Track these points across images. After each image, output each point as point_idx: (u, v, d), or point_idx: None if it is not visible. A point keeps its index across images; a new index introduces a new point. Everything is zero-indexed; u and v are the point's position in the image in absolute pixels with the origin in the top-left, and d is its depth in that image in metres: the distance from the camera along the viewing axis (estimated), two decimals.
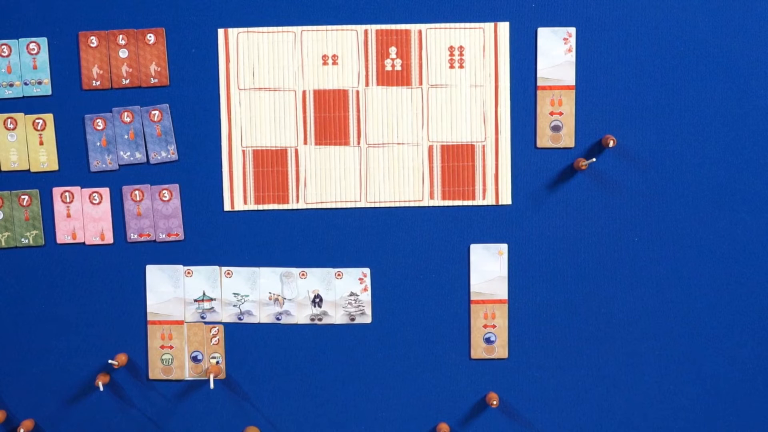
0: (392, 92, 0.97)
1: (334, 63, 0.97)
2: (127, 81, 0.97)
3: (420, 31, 0.97)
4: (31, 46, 0.96)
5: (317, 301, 0.99)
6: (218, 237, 0.99)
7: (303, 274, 0.99)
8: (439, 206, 0.98)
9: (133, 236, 0.99)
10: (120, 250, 0.99)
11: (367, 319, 1.00)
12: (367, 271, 0.99)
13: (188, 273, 0.99)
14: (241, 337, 1.00)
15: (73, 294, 0.99)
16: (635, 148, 0.97)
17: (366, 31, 0.97)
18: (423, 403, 1.00)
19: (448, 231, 0.99)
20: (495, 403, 0.96)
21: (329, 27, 0.97)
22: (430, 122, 0.98)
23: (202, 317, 1.00)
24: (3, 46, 0.97)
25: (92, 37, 0.96)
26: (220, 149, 0.98)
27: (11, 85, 0.97)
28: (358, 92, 0.97)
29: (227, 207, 0.98)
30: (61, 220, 0.98)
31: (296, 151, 0.98)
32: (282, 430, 1.01)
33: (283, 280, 0.99)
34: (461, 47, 0.97)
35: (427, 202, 0.98)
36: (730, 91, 0.97)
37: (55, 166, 0.98)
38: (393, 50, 0.97)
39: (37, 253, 0.99)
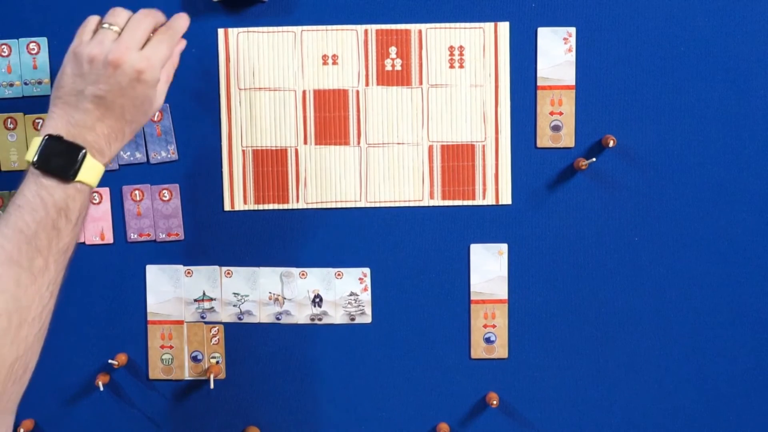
0: (392, 92, 0.97)
1: (334, 63, 0.97)
2: None
3: (420, 31, 0.97)
4: (31, 46, 0.96)
5: (317, 301, 0.99)
6: (218, 237, 0.99)
7: (303, 274, 0.99)
8: (439, 206, 0.98)
9: (133, 236, 0.99)
10: (120, 250, 0.99)
11: (367, 319, 1.00)
12: (367, 271, 0.99)
13: (188, 273, 0.99)
14: (241, 337, 1.00)
15: (73, 294, 0.99)
16: (635, 148, 0.97)
17: (366, 31, 0.97)
18: (423, 403, 1.00)
19: (448, 231, 0.99)
20: (495, 403, 0.96)
21: (329, 27, 0.97)
22: (430, 122, 0.98)
23: (202, 317, 1.00)
24: (3, 46, 0.97)
25: None
26: (220, 149, 0.98)
27: (11, 85, 0.97)
28: (358, 92, 0.97)
29: (227, 207, 0.99)
30: None
31: (296, 150, 0.98)
32: (282, 430, 1.01)
33: (283, 280, 0.99)
34: (461, 47, 0.97)
35: (427, 202, 0.98)
36: (730, 91, 0.97)
37: None
38: (393, 50, 0.97)
39: None
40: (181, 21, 0.80)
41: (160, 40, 0.77)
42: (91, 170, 0.73)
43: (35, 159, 0.71)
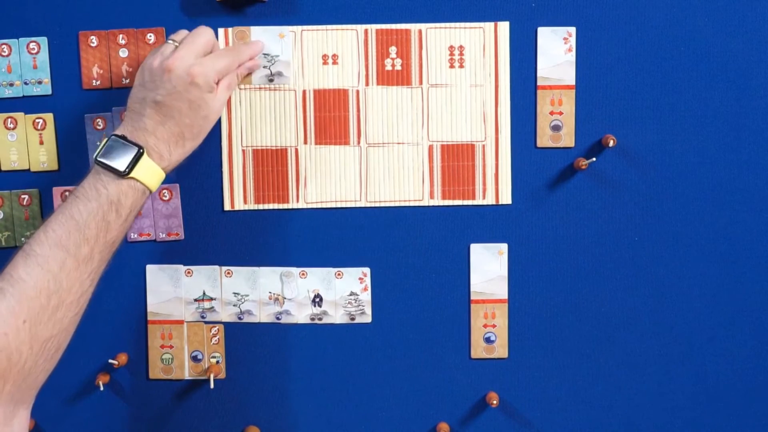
0: (392, 92, 0.97)
1: (334, 63, 0.97)
2: (128, 81, 0.97)
3: (420, 31, 0.97)
4: (31, 45, 0.96)
5: (317, 300, 0.99)
6: (218, 237, 0.99)
7: (303, 274, 0.99)
8: (439, 206, 0.98)
9: (133, 236, 0.99)
10: (120, 250, 0.99)
11: (367, 318, 1.00)
12: (367, 270, 0.99)
13: (188, 273, 0.99)
14: (241, 336, 1.00)
15: None
16: (635, 148, 0.97)
17: (366, 31, 0.97)
18: (423, 403, 1.00)
19: (448, 231, 0.99)
20: (495, 402, 0.96)
21: (329, 27, 0.97)
22: (430, 122, 0.98)
23: (202, 317, 1.00)
24: (3, 46, 0.97)
25: (92, 37, 0.96)
26: (220, 149, 0.98)
27: (11, 85, 0.97)
28: (358, 92, 0.97)
29: (227, 206, 0.99)
30: None
31: (296, 150, 0.98)
32: (282, 430, 1.01)
33: (283, 279, 0.99)
34: (461, 47, 0.97)
35: (427, 202, 0.98)
36: (730, 90, 0.97)
37: (55, 166, 0.98)
38: (393, 50, 0.97)
39: None
40: (248, 48, 0.92)
41: (220, 53, 0.88)
42: (146, 170, 0.79)
43: (98, 154, 0.77)
